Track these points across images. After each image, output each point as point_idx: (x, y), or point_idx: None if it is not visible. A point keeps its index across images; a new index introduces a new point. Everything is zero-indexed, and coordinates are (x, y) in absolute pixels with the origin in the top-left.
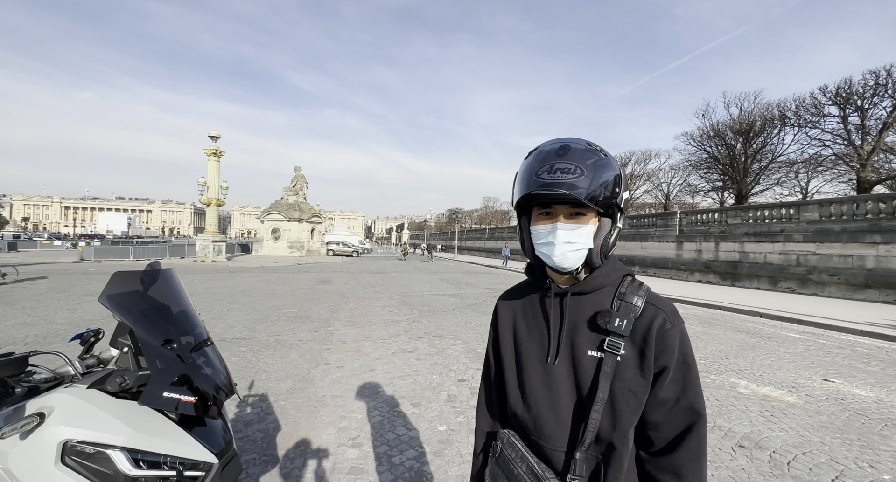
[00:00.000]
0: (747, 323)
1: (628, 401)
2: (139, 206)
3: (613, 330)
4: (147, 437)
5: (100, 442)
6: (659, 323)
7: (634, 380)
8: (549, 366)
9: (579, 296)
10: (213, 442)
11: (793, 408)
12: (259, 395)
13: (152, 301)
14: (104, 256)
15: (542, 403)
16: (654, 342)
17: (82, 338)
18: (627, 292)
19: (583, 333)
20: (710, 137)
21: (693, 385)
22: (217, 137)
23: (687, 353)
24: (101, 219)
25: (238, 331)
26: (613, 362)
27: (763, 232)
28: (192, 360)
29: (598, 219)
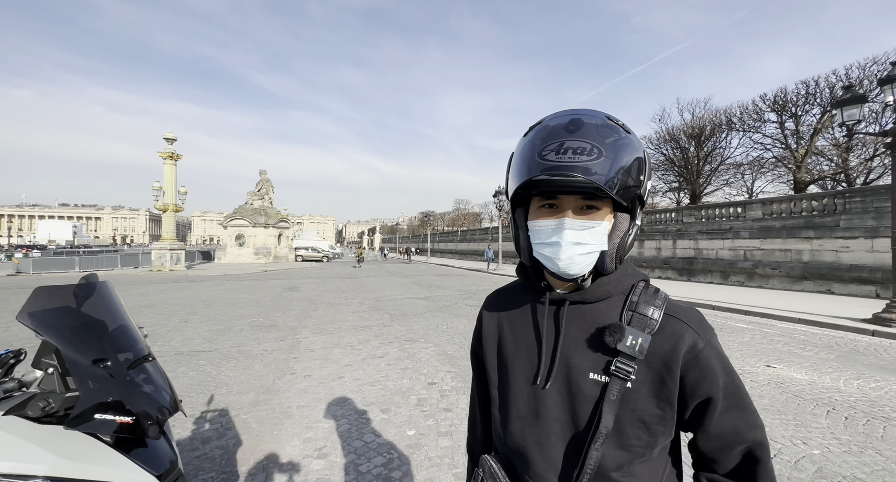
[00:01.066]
0: None
1: (639, 435)
2: (86, 212)
3: (624, 350)
4: (75, 464)
5: (19, 474)
6: (688, 344)
7: (648, 410)
8: (538, 389)
9: (580, 306)
10: (154, 464)
11: None
12: (219, 410)
13: (84, 317)
14: (45, 268)
15: (528, 434)
16: (682, 367)
17: (1, 360)
18: (640, 301)
19: (583, 352)
20: (666, 141)
21: (750, 409)
22: (173, 140)
23: (730, 371)
24: (42, 227)
25: (197, 344)
26: (622, 389)
27: (715, 230)
28: (129, 378)
29: (614, 214)
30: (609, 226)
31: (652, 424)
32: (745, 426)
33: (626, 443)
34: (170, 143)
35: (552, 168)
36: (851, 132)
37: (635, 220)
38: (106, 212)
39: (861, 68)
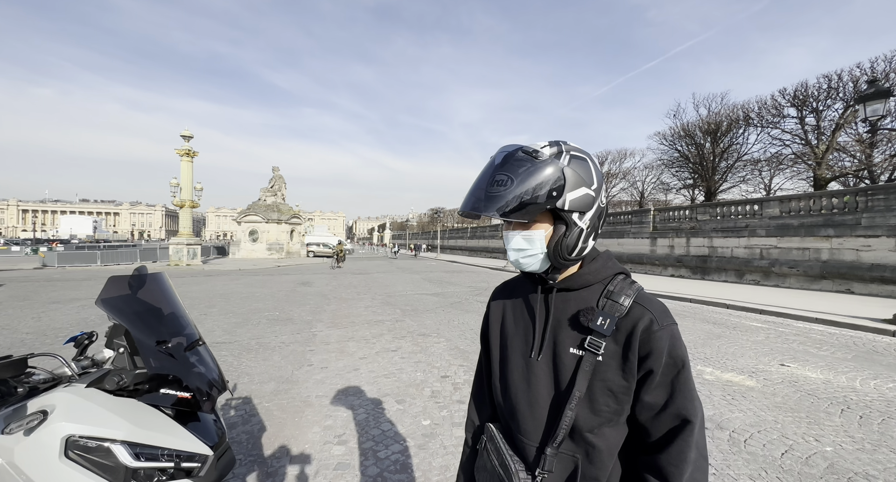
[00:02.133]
0: (715, 314)
1: (608, 402)
2: (105, 208)
3: (595, 328)
4: (145, 432)
5: (101, 436)
6: (645, 324)
7: (615, 381)
8: (531, 361)
9: (566, 293)
10: (207, 435)
11: (752, 391)
12: (242, 398)
13: (144, 304)
14: (69, 262)
15: (521, 398)
16: (639, 344)
17: (76, 341)
18: (616, 291)
19: (566, 330)
20: (680, 137)
21: (682, 390)
22: (190, 137)
23: (677, 357)
24: (65, 222)
25: (218, 335)
26: (593, 361)
27: (730, 227)
28: (186, 359)
29: (553, 223)
30: (545, 233)
31: (619, 393)
32: (676, 403)
33: (598, 408)
34: (186, 140)
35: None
36: (875, 128)
37: (573, 226)
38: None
39: (888, 61)
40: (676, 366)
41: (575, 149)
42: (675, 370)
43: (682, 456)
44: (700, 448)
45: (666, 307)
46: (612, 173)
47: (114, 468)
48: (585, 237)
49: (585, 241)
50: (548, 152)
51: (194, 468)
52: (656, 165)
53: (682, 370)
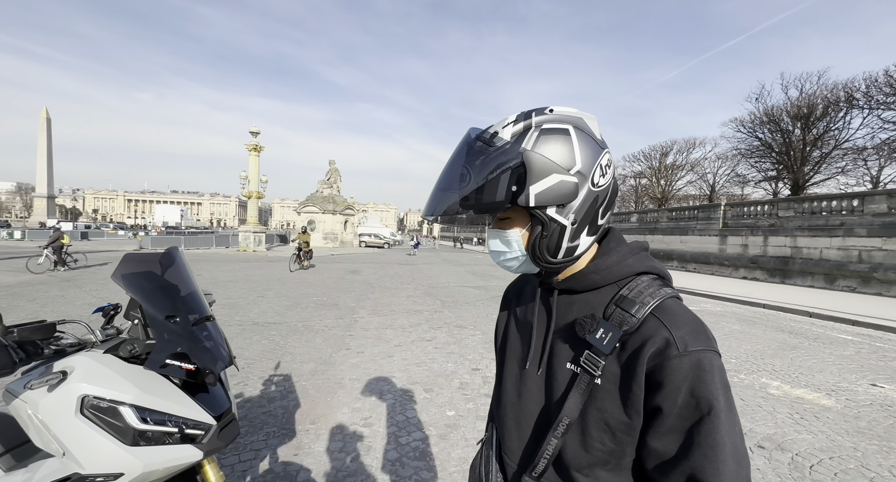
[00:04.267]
0: (793, 322)
1: (603, 439)
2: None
3: (593, 343)
4: (152, 398)
5: (112, 398)
6: (658, 345)
7: (614, 413)
8: (524, 372)
9: (570, 295)
10: (213, 406)
11: (828, 411)
12: (283, 375)
13: (161, 280)
14: (159, 245)
15: (510, 411)
16: (647, 372)
17: (104, 311)
18: (631, 296)
19: (564, 340)
20: (763, 123)
21: (703, 445)
22: (257, 133)
23: (702, 397)
24: (158, 211)
25: (270, 317)
26: (589, 383)
27: (819, 225)
28: (192, 334)
29: (531, 220)
30: (522, 232)
31: (617, 431)
32: (691, 460)
33: (589, 444)
34: (254, 136)
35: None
36: None
37: (551, 222)
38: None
39: None
40: (699, 411)
41: (552, 119)
42: (698, 415)
43: None
44: None
45: (702, 326)
46: (678, 164)
47: (122, 428)
48: (573, 234)
49: (573, 238)
50: (508, 134)
51: (198, 435)
52: (731, 155)
53: (707, 417)
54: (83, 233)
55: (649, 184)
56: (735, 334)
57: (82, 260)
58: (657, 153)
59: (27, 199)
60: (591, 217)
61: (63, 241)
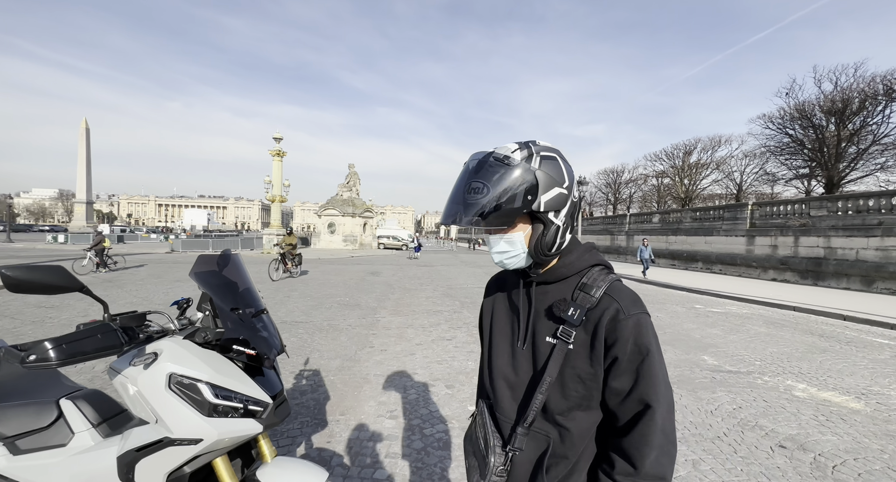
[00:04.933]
0: (824, 325)
1: (577, 387)
2: (216, 203)
3: (566, 319)
4: (222, 377)
5: (192, 376)
6: (611, 314)
7: (583, 368)
8: (516, 349)
9: (545, 286)
10: (269, 387)
11: (856, 414)
12: (312, 370)
13: (224, 278)
14: (189, 248)
15: (503, 381)
16: (605, 333)
17: (178, 304)
18: (589, 283)
19: (543, 321)
20: (793, 119)
21: (646, 377)
22: (280, 139)
23: (642, 344)
24: (186, 215)
25: (296, 316)
26: (564, 349)
27: (856, 225)
28: (252, 324)
29: (531, 223)
30: (524, 234)
31: (587, 380)
32: (640, 388)
33: (568, 393)
34: (277, 141)
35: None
36: None
37: (550, 224)
38: (230, 202)
39: None
40: (641, 354)
41: (545, 148)
42: (640, 357)
43: (646, 439)
44: (667, 433)
45: (637, 297)
46: (703, 163)
47: (201, 401)
48: (562, 233)
49: (563, 236)
50: (518, 156)
51: (258, 411)
52: (759, 153)
53: (646, 357)
54: (119, 236)
55: (672, 183)
56: (760, 337)
57: (121, 262)
58: (680, 151)
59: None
60: (571, 220)
61: (104, 245)
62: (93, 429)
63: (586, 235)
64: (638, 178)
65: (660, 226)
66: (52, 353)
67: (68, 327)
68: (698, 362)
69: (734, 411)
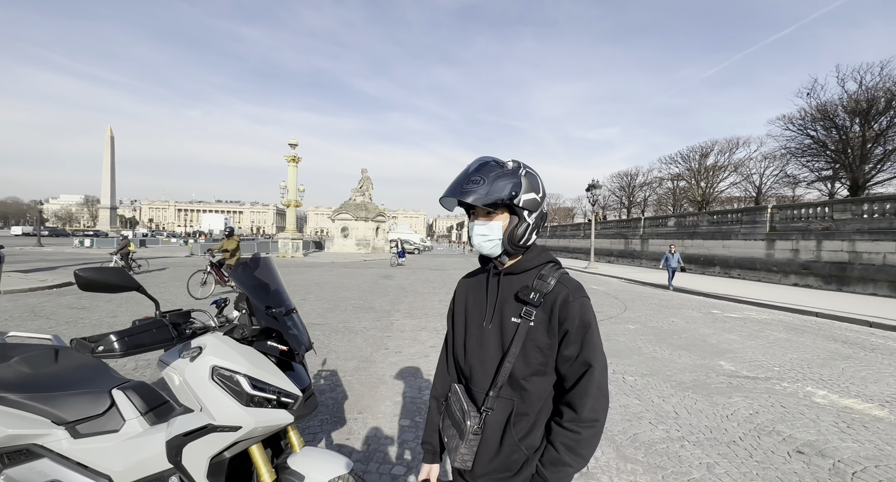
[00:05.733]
0: (848, 332)
1: (537, 356)
2: (233, 207)
3: (529, 301)
4: (259, 371)
5: (232, 369)
6: (563, 297)
7: (542, 340)
8: (484, 329)
9: (510, 276)
10: (299, 381)
11: (879, 422)
12: (330, 371)
13: (258, 279)
14: None
15: (476, 356)
16: (559, 311)
17: (217, 304)
18: (545, 274)
19: (509, 304)
20: (815, 120)
21: (588, 344)
22: (295, 145)
23: (585, 320)
24: (205, 219)
25: (313, 318)
26: (527, 326)
27: (882, 228)
28: (284, 322)
29: (510, 216)
30: (503, 224)
31: (545, 349)
32: (583, 353)
33: (529, 361)
34: (293, 147)
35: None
36: None
37: (524, 219)
38: (246, 207)
39: None
40: (585, 327)
41: (530, 167)
42: (584, 330)
43: (586, 391)
44: (601, 387)
45: (581, 285)
46: (720, 166)
47: (240, 392)
48: (531, 231)
49: (531, 234)
50: (511, 165)
51: (290, 403)
52: (779, 155)
53: (588, 329)
54: (141, 240)
55: (688, 186)
56: (780, 342)
57: (145, 265)
58: (696, 154)
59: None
60: (539, 224)
61: (130, 248)
62: (141, 417)
63: (599, 240)
64: (653, 181)
65: (675, 229)
66: (117, 345)
67: (98, 327)
68: (714, 367)
69: (750, 416)
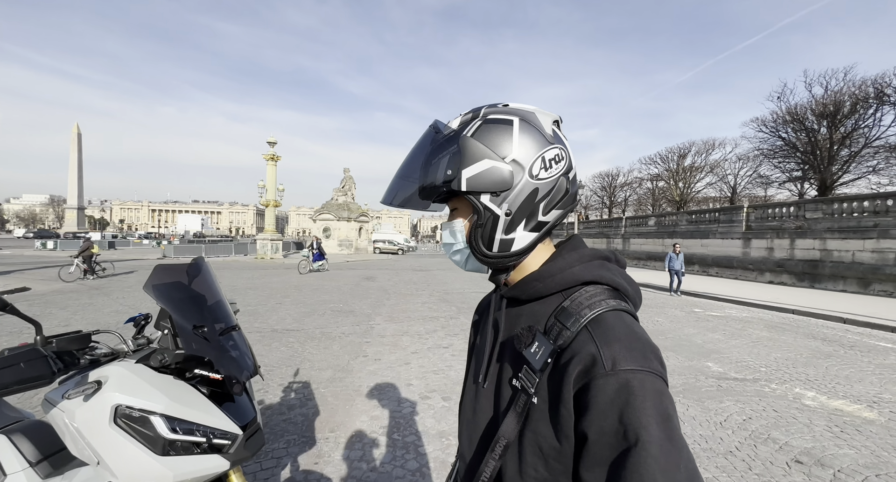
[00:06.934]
0: (825, 329)
1: (536, 464)
2: (210, 207)
3: (528, 358)
4: (182, 408)
5: (143, 408)
6: (584, 363)
7: (546, 437)
8: (479, 387)
9: (518, 306)
10: (239, 416)
11: (871, 425)
12: (302, 383)
13: (190, 291)
14: (182, 253)
15: (465, 429)
16: (575, 392)
17: (135, 321)
18: (572, 307)
19: (510, 354)
20: (785, 122)
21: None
22: (274, 143)
23: (629, 425)
24: (180, 220)
25: (288, 323)
26: (526, 402)
27: (851, 227)
28: (220, 344)
29: (472, 209)
30: (465, 223)
31: (549, 458)
32: None
33: (524, 470)
34: (271, 146)
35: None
36: None
37: (484, 211)
38: (224, 207)
39: None
40: (626, 441)
41: (499, 112)
42: (623, 446)
43: None
44: None
45: (640, 342)
46: (697, 166)
47: (153, 438)
48: (507, 225)
49: (508, 230)
50: (457, 123)
51: (225, 445)
52: (753, 156)
53: (633, 449)
54: (110, 242)
55: (667, 186)
56: (763, 341)
57: (110, 268)
58: (675, 155)
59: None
60: (530, 210)
61: (93, 251)
62: (30, 468)
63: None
64: (633, 181)
65: (655, 228)
66: None
67: None
68: (703, 369)
69: (744, 422)
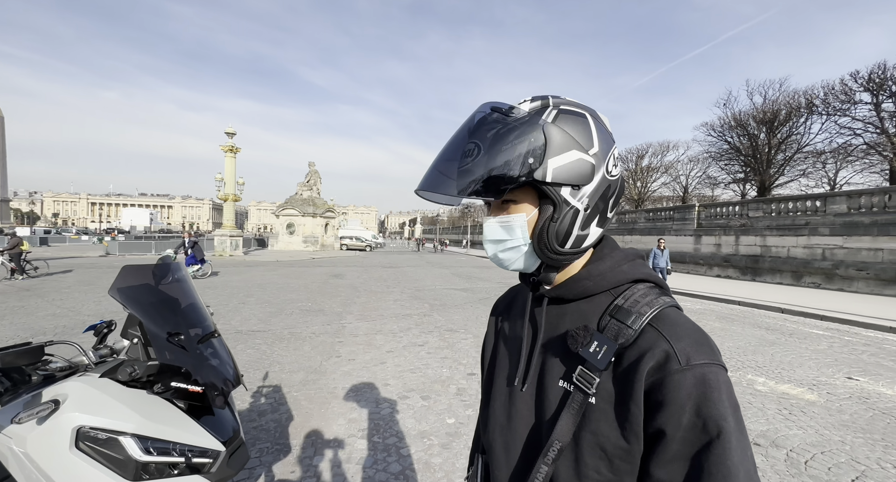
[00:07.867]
0: (768, 319)
1: (598, 466)
2: (160, 201)
3: (587, 357)
4: (156, 425)
5: (111, 428)
6: (657, 359)
7: (610, 437)
8: (514, 391)
9: (561, 305)
10: (220, 430)
11: (813, 406)
12: (273, 386)
13: (161, 294)
14: (128, 251)
15: (499, 436)
16: (646, 389)
17: (96, 330)
18: (626, 306)
19: (556, 355)
20: (731, 127)
21: (714, 473)
22: (233, 134)
23: (709, 418)
24: (126, 214)
25: (253, 324)
26: (583, 403)
27: (786, 225)
28: (199, 352)
29: (538, 202)
30: (527, 217)
31: (615, 458)
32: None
33: (584, 472)
34: (230, 137)
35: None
36: None
37: (564, 204)
38: (176, 201)
39: None
40: (707, 434)
41: (569, 103)
42: (705, 439)
43: None
44: None
45: (705, 337)
46: (654, 167)
47: (123, 461)
48: (584, 221)
49: (584, 226)
50: (527, 108)
51: (205, 464)
52: (702, 158)
53: (716, 441)
54: (42, 238)
55: (626, 185)
56: (717, 331)
57: (43, 267)
58: (633, 155)
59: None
60: (603, 206)
61: (22, 248)
62: None
63: None
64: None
65: (616, 226)
66: None
67: None
68: None
69: None
